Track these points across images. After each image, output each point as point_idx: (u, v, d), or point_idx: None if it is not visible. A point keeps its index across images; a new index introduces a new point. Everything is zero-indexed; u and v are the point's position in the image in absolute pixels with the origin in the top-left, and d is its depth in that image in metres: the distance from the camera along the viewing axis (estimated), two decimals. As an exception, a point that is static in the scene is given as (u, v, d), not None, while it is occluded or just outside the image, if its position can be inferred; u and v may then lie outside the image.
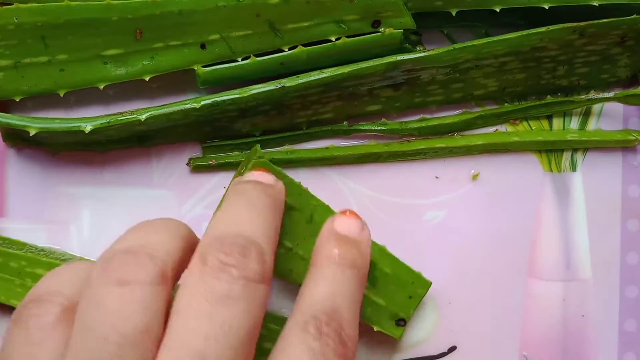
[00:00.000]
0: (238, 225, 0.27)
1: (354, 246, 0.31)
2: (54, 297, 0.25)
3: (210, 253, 0.25)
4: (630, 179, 0.38)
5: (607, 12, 0.36)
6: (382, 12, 0.35)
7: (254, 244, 0.26)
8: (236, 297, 0.25)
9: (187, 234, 0.29)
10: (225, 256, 0.25)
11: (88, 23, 0.33)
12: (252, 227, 0.27)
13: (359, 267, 0.31)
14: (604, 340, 0.38)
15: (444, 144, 0.37)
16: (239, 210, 0.28)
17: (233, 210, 0.28)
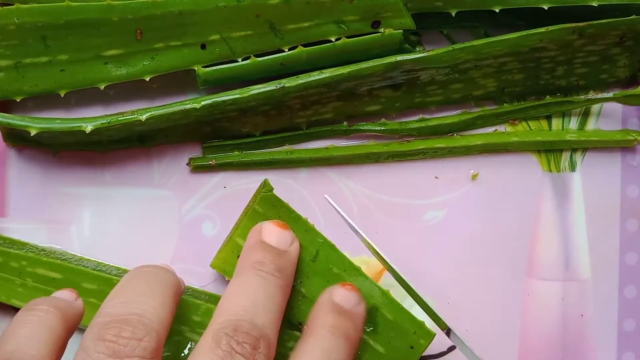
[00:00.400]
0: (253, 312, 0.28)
1: (349, 318, 0.32)
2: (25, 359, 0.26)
3: (225, 339, 0.27)
4: (629, 179, 0.39)
5: (606, 12, 0.36)
6: (382, 13, 0.35)
7: (265, 338, 0.28)
8: None
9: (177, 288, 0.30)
10: (238, 345, 0.27)
11: (88, 23, 0.33)
12: (266, 316, 0.29)
13: (352, 339, 0.32)
14: (603, 339, 0.38)
15: (443, 144, 0.37)
16: (256, 293, 0.29)
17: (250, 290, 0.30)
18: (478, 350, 0.38)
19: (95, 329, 0.26)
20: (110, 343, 0.25)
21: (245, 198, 0.37)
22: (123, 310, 0.27)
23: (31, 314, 0.28)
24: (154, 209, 0.37)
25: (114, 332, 0.26)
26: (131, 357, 0.25)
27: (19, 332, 0.27)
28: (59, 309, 0.28)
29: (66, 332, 0.28)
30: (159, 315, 0.27)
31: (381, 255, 0.33)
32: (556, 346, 0.38)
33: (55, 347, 0.27)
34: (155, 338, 0.26)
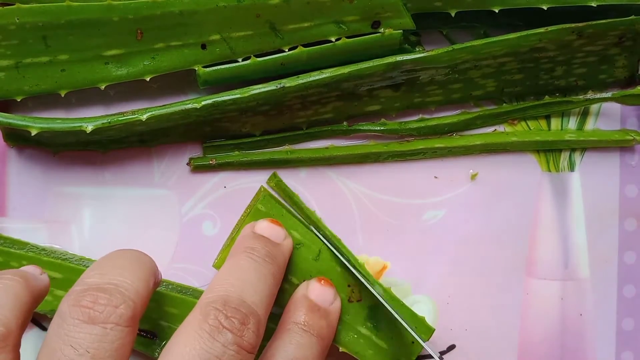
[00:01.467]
0: (243, 290, 0.28)
1: (323, 316, 0.32)
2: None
3: (213, 312, 0.27)
4: (627, 179, 0.39)
5: (605, 13, 0.36)
6: (382, 13, 0.35)
7: (254, 315, 0.28)
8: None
9: (155, 272, 0.30)
10: (226, 320, 0.27)
11: (89, 23, 0.33)
12: (256, 295, 0.29)
13: (324, 337, 0.32)
14: (601, 338, 0.38)
15: (443, 144, 0.38)
16: (246, 274, 0.30)
17: (240, 271, 0.30)
18: (478, 349, 0.38)
19: (72, 296, 0.26)
20: (87, 309, 0.25)
21: (246, 198, 0.37)
22: (101, 280, 0.27)
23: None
24: (154, 208, 0.37)
25: (90, 298, 0.26)
26: (106, 323, 0.25)
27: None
28: (24, 278, 0.28)
29: (31, 300, 0.28)
30: (137, 288, 0.27)
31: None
32: (555, 345, 0.38)
33: (20, 313, 0.27)
34: (132, 306, 0.26)
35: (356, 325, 0.35)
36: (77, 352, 0.25)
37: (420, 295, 0.38)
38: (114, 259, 0.29)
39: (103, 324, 0.25)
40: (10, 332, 0.26)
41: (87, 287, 0.26)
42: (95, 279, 0.27)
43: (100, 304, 0.26)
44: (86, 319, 0.25)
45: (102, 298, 0.26)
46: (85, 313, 0.25)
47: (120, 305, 0.26)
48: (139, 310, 0.27)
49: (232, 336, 0.26)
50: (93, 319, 0.25)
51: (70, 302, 0.26)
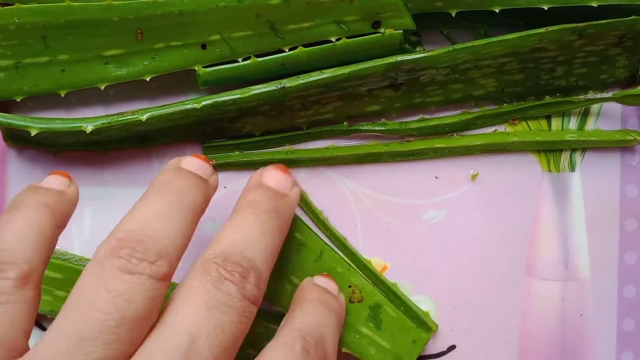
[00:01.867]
0: (245, 246, 0.28)
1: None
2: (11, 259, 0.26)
3: (213, 267, 0.27)
4: (628, 179, 0.39)
5: (605, 13, 0.36)
6: (382, 13, 0.35)
7: (255, 269, 0.28)
8: (232, 307, 0.26)
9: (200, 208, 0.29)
10: (227, 273, 0.27)
11: (89, 23, 0.33)
12: (257, 250, 0.29)
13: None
14: (602, 339, 0.38)
15: (443, 144, 0.38)
16: (249, 229, 0.29)
17: (243, 227, 0.29)
18: (478, 349, 0.38)
19: (109, 245, 0.26)
20: (123, 261, 0.26)
21: (246, 198, 0.37)
22: (140, 228, 0.27)
23: (19, 213, 0.28)
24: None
25: (127, 251, 0.26)
26: (141, 275, 0.25)
27: (4, 232, 0.27)
28: (48, 206, 0.28)
29: (56, 230, 0.28)
30: (174, 242, 0.27)
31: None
32: (555, 345, 0.38)
33: (43, 248, 0.27)
34: (167, 262, 0.26)
35: (358, 325, 0.35)
36: (111, 294, 0.25)
37: (421, 296, 0.38)
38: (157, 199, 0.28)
39: (138, 274, 0.25)
40: (33, 269, 0.26)
41: (125, 237, 0.26)
42: (136, 228, 0.27)
43: (136, 257, 0.26)
44: (122, 269, 0.25)
45: (138, 252, 0.26)
46: (122, 264, 0.26)
47: (157, 261, 0.26)
48: (174, 263, 0.27)
49: (234, 286, 0.26)
50: (129, 270, 0.25)
51: (107, 250, 0.26)
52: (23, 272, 0.26)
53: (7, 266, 0.26)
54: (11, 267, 0.26)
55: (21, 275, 0.26)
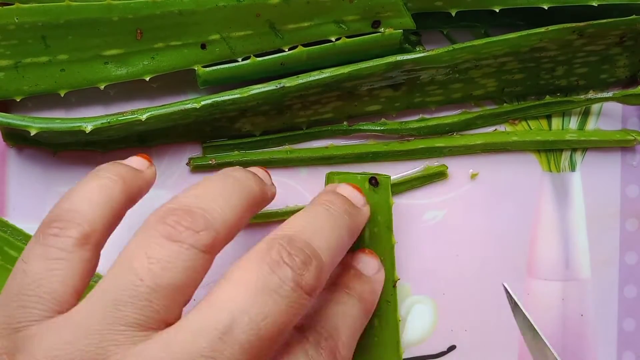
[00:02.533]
0: (312, 234, 0.28)
1: (366, 282, 0.32)
2: (76, 219, 0.27)
3: (276, 248, 0.26)
4: (629, 179, 0.39)
5: (606, 12, 0.36)
6: (382, 13, 0.35)
7: (317, 258, 0.27)
8: (282, 296, 0.25)
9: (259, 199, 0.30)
10: (288, 256, 0.26)
11: (89, 23, 0.33)
12: (324, 242, 0.28)
13: (367, 301, 0.32)
14: (602, 339, 0.38)
15: (443, 143, 0.38)
16: (319, 221, 0.29)
17: (314, 218, 0.29)
18: (478, 349, 0.38)
19: (161, 212, 0.26)
20: (169, 227, 0.26)
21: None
22: (193, 201, 0.27)
23: (93, 179, 0.28)
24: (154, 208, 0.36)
25: (175, 218, 0.26)
26: (183, 243, 0.25)
27: (77, 193, 0.28)
28: (122, 178, 0.29)
29: (126, 202, 0.29)
30: (225, 217, 0.27)
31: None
32: (556, 346, 0.38)
33: (109, 214, 0.28)
34: (213, 235, 0.26)
35: None
36: (149, 260, 0.25)
37: (421, 296, 0.38)
38: (216, 181, 0.29)
39: (180, 242, 0.25)
40: (94, 231, 0.27)
41: (177, 207, 0.27)
42: (189, 200, 0.27)
43: (182, 225, 0.26)
44: (166, 235, 0.25)
45: (186, 220, 0.26)
46: (166, 230, 0.26)
47: (202, 232, 0.26)
48: (221, 240, 0.27)
49: (292, 273, 0.26)
50: (172, 236, 0.25)
51: (156, 217, 0.26)
52: (84, 232, 0.27)
53: (70, 224, 0.27)
54: (73, 226, 0.27)
55: (81, 235, 0.26)
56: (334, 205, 0.30)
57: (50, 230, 0.27)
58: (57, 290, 0.26)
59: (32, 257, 0.26)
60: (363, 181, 0.34)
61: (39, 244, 0.26)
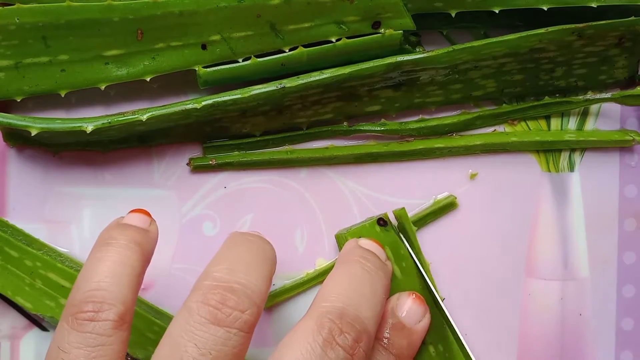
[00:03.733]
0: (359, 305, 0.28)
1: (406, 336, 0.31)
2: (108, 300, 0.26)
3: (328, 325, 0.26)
4: (627, 179, 0.39)
5: (605, 13, 0.36)
6: (382, 13, 0.35)
7: (367, 333, 0.27)
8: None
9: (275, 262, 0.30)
10: (340, 335, 0.26)
11: (89, 23, 0.33)
12: (370, 311, 0.28)
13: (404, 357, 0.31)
14: (601, 338, 0.38)
15: (442, 144, 0.38)
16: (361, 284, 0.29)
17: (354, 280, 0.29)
18: (478, 350, 0.38)
19: (201, 292, 0.26)
20: (215, 310, 0.25)
21: (246, 198, 0.37)
22: (229, 277, 0.26)
23: (111, 250, 0.28)
24: (154, 209, 0.37)
25: (219, 298, 0.25)
26: (231, 328, 0.25)
27: (101, 270, 0.27)
28: (138, 244, 0.28)
29: (144, 268, 0.28)
30: (261, 289, 0.27)
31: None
32: (555, 345, 0.38)
33: (136, 287, 0.27)
34: (256, 312, 0.26)
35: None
36: (199, 351, 0.24)
37: (420, 296, 0.38)
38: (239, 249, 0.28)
39: (228, 327, 0.25)
40: (128, 309, 0.26)
41: (216, 285, 0.26)
42: (224, 275, 0.26)
43: (228, 306, 0.25)
44: (212, 320, 0.25)
45: (231, 300, 0.25)
46: (213, 314, 0.25)
47: (247, 311, 0.26)
48: (260, 314, 0.27)
49: (344, 354, 0.26)
50: (220, 321, 0.25)
51: (199, 298, 0.26)
52: (120, 313, 0.26)
53: (105, 307, 0.26)
54: (109, 308, 0.26)
55: (118, 316, 0.26)
56: (369, 261, 0.30)
57: (84, 314, 0.26)
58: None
59: (71, 346, 0.25)
60: (373, 226, 0.34)
61: (75, 331, 0.26)
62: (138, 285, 0.28)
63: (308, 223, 0.37)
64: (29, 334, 0.36)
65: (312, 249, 0.37)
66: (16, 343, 0.36)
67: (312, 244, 0.37)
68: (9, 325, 0.36)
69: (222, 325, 0.25)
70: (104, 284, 0.27)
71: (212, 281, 0.26)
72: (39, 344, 0.36)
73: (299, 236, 0.37)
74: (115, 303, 0.26)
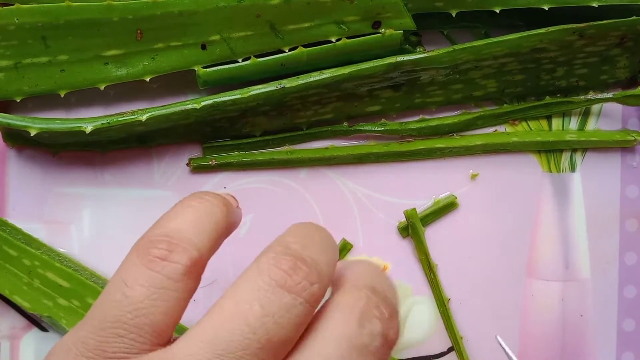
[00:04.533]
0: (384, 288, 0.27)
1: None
2: (187, 245, 0.25)
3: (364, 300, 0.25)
4: (628, 180, 0.39)
5: (606, 13, 0.36)
6: (383, 13, 0.35)
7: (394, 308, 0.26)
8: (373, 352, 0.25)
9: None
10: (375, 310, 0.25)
11: (89, 23, 0.33)
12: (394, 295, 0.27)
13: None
14: (602, 339, 0.38)
15: (443, 144, 0.37)
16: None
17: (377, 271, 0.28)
18: (479, 350, 0.38)
19: (273, 254, 0.25)
20: (286, 275, 0.24)
21: (246, 198, 0.37)
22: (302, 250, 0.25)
23: (200, 201, 0.27)
24: (154, 209, 0.37)
25: (291, 264, 0.25)
26: (299, 296, 0.24)
27: (186, 215, 0.26)
28: (226, 206, 0.28)
29: (226, 231, 0.27)
30: (329, 272, 0.26)
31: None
32: (556, 346, 0.38)
33: (215, 242, 0.26)
34: (323, 289, 0.25)
35: None
36: (263, 311, 0.24)
37: (421, 296, 0.38)
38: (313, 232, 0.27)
39: (295, 295, 0.24)
40: (203, 260, 0.25)
41: (290, 252, 0.25)
42: (298, 247, 0.25)
43: (299, 274, 0.24)
44: (282, 284, 0.24)
45: (302, 270, 0.24)
46: (284, 279, 0.24)
47: (315, 284, 0.25)
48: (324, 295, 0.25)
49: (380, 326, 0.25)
50: (289, 287, 0.24)
51: (270, 260, 0.25)
52: (194, 259, 0.25)
53: (180, 249, 0.25)
54: (182, 251, 0.25)
55: (191, 262, 0.25)
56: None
57: (157, 251, 0.25)
58: (159, 323, 0.24)
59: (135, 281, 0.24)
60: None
61: (144, 267, 0.24)
62: (217, 242, 0.27)
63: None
64: (28, 334, 0.36)
65: (312, 250, 0.37)
66: (16, 343, 0.36)
67: (312, 245, 0.37)
68: (9, 325, 0.36)
69: (291, 291, 0.24)
70: (185, 226, 0.26)
71: (285, 248, 0.25)
72: (38, 344, 0.36)
73: (299, 237, 0.37)
74: (190, 248, 0.25)
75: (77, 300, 0.35)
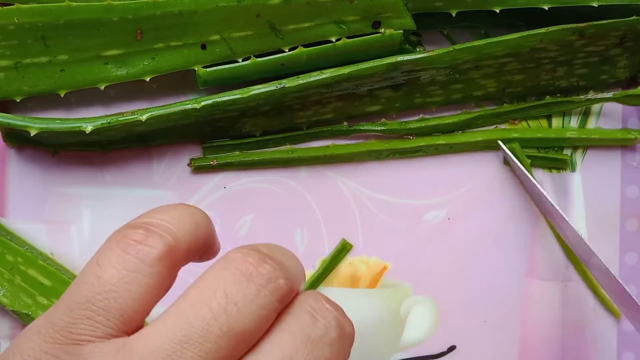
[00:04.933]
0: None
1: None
2: (164, 232, 0.25)
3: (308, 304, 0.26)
4: (629, 180, 0.39)
5: (606, 13, 0.36)
6: (383, 13, 0.35)
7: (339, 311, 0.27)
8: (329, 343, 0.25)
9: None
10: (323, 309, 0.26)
11: (89, 23, 0.33)
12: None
13: None
14: (602, 339, 0.38)
15: (444, 140, 0.37)
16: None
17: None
18: (479, 351, 0.38)
19: (242, 250, 0.25)
20: (252, 267, 0.24)
21: (246, 198, 0.37)
22: (271, 253, 0.26)
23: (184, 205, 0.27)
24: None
25: (258, 257, 0.25)
26: (263, 288, 0.24)
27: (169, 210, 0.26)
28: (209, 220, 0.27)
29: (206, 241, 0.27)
30: (300, 280, 0.26)
31: None
32: (556, 346, 0.38)
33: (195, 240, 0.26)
34: (289, 288, 0.25)
35: None
36: (226, 299, 0.24)
37: (421, 296, 0.38)
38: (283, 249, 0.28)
39: (260, 286, 0.24)
40: (180, 250, 0.25)
41: (258, 250, 0.25)
42: (265, 250, 0.26)
43: (265, 268, 0.25)
44: (247, 275, 0.24)
45: (269, 264, 0.25)
46: (249, 270, 0.24)
47: (281, 279, 0.25)
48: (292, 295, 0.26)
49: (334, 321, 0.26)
50: (254, 278, 0.24)
51: (238, 254, 0.25)
52: (170, 246, 0.24)
53: (155, 235, 0.24)
54: (158, 237, 0.24)
55: (166, 248, 0.24)
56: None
57: (134, 234, 0.24)
58: (127, 309, 0.24)
59: (108, 263, 0.24)
60: None
61: (119, 249, 0.24)
62: (197, 242, 0.26)
63: (308, 223, 0.37)
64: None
65: (312, 249, 0.37)
66: (16, 343, 0.36)
67: (312, 244, 0.37)
68: (9, 325, 0.36)
69: (255, 282, 0.24)
70: (167, 218, 0.25)
71: (253, 249, 0.26)
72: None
73: (299, 236, 0.37)
74: (167, 236, 0.25)
75: (57, 299, 0.35)
